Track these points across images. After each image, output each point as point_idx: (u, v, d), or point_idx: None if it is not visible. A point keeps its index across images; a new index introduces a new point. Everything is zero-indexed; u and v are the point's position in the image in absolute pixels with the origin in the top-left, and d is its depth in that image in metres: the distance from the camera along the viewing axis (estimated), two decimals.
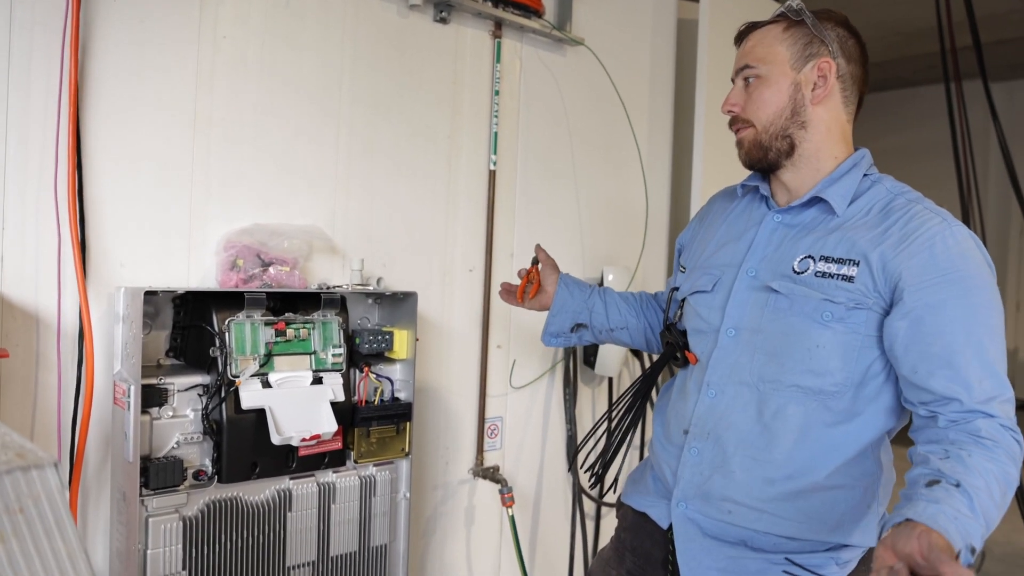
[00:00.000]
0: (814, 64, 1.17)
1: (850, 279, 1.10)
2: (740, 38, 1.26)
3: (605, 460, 1.43)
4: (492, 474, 2.06)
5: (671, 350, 1.31)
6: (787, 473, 1.14)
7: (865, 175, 1.19)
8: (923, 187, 1.20)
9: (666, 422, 1.31)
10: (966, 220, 3.29)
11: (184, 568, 1.43)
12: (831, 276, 1.11)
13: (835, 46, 1.18)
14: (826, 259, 1.13)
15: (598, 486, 1.37)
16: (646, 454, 1.44)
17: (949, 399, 1.03)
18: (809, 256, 1.15)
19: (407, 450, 1.73)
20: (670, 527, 1.25)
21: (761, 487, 1.15)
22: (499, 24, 2.04)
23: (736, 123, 1.24)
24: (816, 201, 1.19)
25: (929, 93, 4.34)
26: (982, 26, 3.18)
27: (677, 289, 1.35)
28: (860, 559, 1.18)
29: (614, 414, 1.46)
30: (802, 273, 1.14)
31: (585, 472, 1.42)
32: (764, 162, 1.21)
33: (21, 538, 0.70)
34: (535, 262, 1.52)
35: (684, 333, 1.30)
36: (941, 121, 3.37)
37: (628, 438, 1.43)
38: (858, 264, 1.10)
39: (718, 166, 2.47)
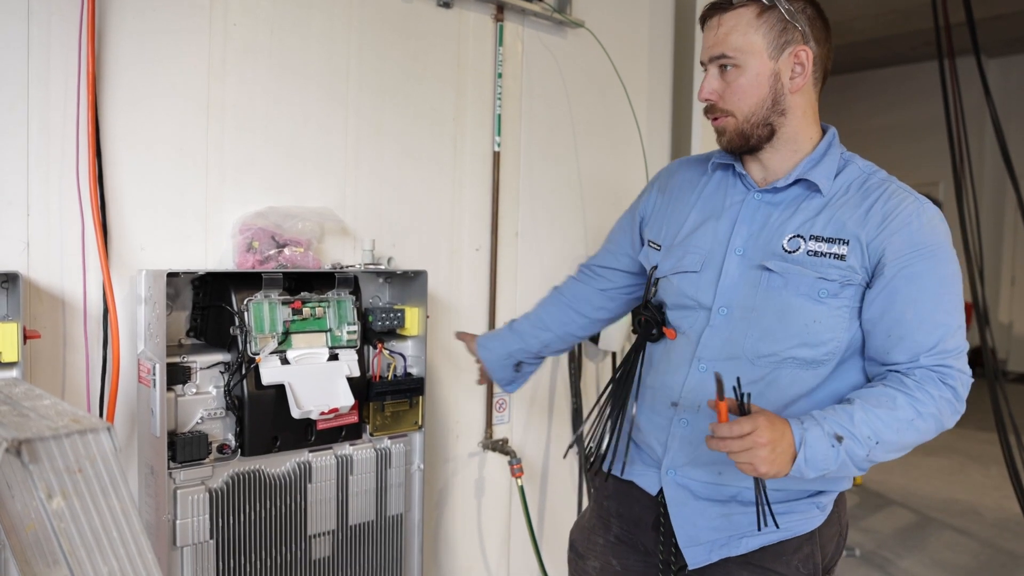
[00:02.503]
0: (791, 52, 1.18)
1: (841, 257, 1.16)
2: (705, 19, 1.23)
3: (600, 444, 1.43)
4: (501, 446, 2.13)
5: (648, 327, 1.33)
6: None
7: (839, 154, 1.24)
8: (920, 164, 1.26)
9: (649, 396, 1.33)
10: (959, 196, 3.34)
11: (212, 537, 1.50)
12: (823, 255, 1.17)
13: (807, 30, 1.19)
14: (816, 238, 1.18)
15: (596, 463, 1.42)
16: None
17: (911, 360, 1.15)
18: (798, 236, 1.19)
19: (420, 423, 1.79)
20: (659, 493, 1.30)
21: None
22: (501, 8, 2.07)
23: (714, 112, 1.23)
24: (798, 181, 1.23)
25: (928, 70, 4.36)
26: (977, 1, 3.20)
27: (656, 268, 1.35)
28: (834, 501, 1.27)
29: (603, 397, 1.46)
30: (793, 252, 1.19)
31: (589, 466, 1.45)
32: (745, 148, 1.24)
33: (81, 496, 0.77)
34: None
35: (660, 309, 1.32)
36: (939, 98, 3.40)
37: (620, 419, 1.41)
38: (848, 243, 1.16)
39: (716, 143, 2.52)
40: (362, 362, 1.68)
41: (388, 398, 1.73)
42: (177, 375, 1.50)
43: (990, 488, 4.22)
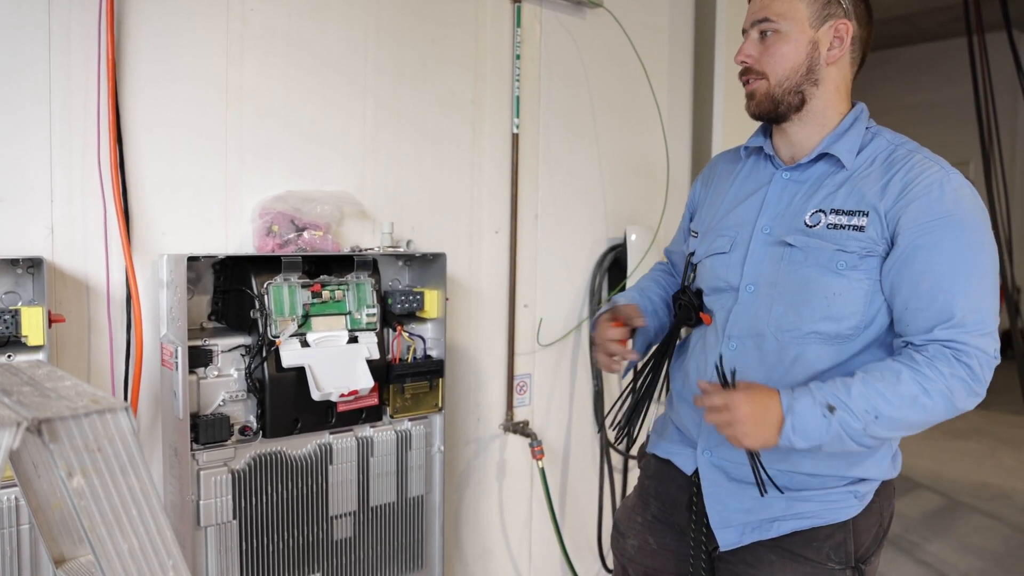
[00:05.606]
0: (831, 24, 1.22)
1: (861, 228, 1.15)
2: None
3: (630, 417, 1.42)
4: (522, 429, 2.13)
5: (686, 312, 1.34)
6: None
7: (866, 128, 1.24)
8: (950, 145, 1.24)
9: (686, 377, 1.35)
10: (987, 175, 3.25)
11: (234, 517, 1.52)
12: (842, 227, 1.17)
13: (850, 8, 1.22)
14: (836, 212, 1.18)
15: (624, 441, 1.42)
16: (664, 409, 1.48)
17: (924, 332, 1.11)
18: (820, 210, 1.20)
19: (440, 405, 1.80)
20: (694, 472, 1.31)
21: None
22: None
23: (749, 74, 1.26)
24: (822, 156, 1.24)
25: (956, 47, 4.24)
26: None
27: (693, 254, 1.38)
28: (875, 491, 1.23)
29: (639, 375, 1.48)
30: (814, 227, 1.19)
31: (612, 429, 1.46)
32: (773, 114, 1.26)
33: (100, 474, 0.78)
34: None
35: (698, 295, 1.34)
36: (968, 76, 3.31)
37: (651, 395, 1.44)
38: (867, 215, 1.15)
39: (738, 124, 2.48)
40: (382, 344, 1.69)
41: (408, 380, 1.74)
42: (199, 358, 1.52)
43: (1022, 472, 4.14)
